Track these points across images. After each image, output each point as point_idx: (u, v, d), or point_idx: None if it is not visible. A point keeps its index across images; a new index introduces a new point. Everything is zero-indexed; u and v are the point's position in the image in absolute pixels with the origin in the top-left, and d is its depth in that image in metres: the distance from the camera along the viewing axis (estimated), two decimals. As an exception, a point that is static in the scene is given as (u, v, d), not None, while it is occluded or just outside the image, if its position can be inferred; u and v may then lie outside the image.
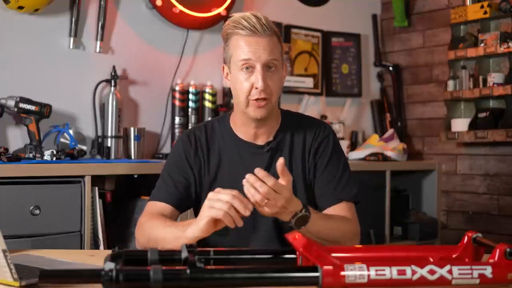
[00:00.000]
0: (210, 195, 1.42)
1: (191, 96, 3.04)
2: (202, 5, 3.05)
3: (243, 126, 1.72)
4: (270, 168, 1.69)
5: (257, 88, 1.61)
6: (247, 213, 1.37)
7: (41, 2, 2.56)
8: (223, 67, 1.73)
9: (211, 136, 1.75)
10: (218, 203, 1.39)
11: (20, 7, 2.52)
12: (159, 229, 1.56)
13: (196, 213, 1.75)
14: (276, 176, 1.66)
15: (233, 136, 1.74)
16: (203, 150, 1.73)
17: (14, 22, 2.62)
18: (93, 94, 2.81)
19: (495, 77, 3.18)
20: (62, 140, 2.67)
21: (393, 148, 3.43)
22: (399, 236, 3.46)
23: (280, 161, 1.42)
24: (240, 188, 1.56)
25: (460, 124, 3.35)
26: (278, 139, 1.73)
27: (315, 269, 1.06)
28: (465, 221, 3.50)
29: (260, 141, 1.73)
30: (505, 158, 3.32)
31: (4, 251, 1.11)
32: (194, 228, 1.44)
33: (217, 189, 1.43)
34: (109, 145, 2.77)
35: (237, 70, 1.64)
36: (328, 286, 1.05)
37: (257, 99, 1.63)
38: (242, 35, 1.62)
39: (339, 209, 1.68)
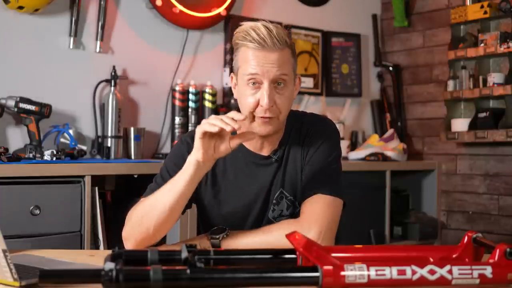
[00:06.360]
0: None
1: (191, 96, 3.04)
2: (202, 5, 3.06)
3: None
4: (275, 178, 1.64)
5: (262, 106, 1.53)
6: (235, 125, 1.37)
7: (41, 2, 2.56)
8: (232, 76, 1.65)
9: None
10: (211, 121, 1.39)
11: (20, 7, 2.52)
12: (150, 198, 1.53)
13: (199, 213, 1.73)
14: (283, 185, 1.63)
15: (240, 146, 1.65)
16: None
17: (14, 22, 2.62)
18: (93, 94, 2.82)
19: (495, 77, 3.18)
20: (62, 140, 2.67)
21: (393, 148, 3.43)
22: (399, 236, 3.46)
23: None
24: (245, 198, 1.53)
25: (460, 124, 3.35)
26: (283, 147, 1.66)
27: (315, 269, 1.06)
28: (465, 221, 3.50)
29: (266, 151, 1.65)
30: (505, 158, 3.32)
31: (4, 251, 1.11)
32: (192, 154, 1.43)
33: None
34: (109, 145, 2.77)
35: (243, 83, 1.56)
36: (328, 286, 1.05)
37: (262, 117, 1.55)
38: (251, 47, 1.53)
39: (310, 203, 1.56)
